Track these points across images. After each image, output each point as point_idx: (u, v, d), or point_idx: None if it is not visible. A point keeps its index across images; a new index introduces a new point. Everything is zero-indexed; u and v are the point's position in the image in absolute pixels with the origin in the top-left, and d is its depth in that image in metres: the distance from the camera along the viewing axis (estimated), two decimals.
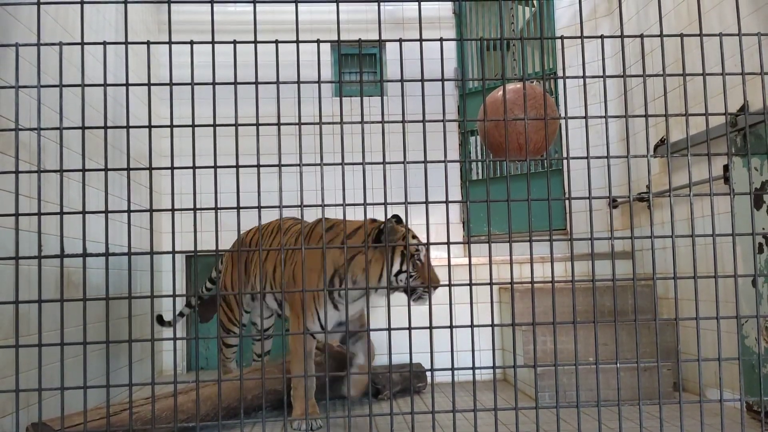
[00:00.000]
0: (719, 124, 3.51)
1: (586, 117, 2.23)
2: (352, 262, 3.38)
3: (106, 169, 2.10)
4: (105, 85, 2.13)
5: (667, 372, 4.09)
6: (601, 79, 2.32)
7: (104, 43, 2.16)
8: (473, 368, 2.22)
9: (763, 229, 3.21)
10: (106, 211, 2.10)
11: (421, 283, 3.22)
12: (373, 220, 3.46)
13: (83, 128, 2.10)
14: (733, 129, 3.37)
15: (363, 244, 3.22)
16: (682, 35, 2.29)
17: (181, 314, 4.73)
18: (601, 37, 2.28)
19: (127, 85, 2.15)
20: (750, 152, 2.27)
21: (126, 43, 2.16)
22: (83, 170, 2.08)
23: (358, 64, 5.66)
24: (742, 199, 3.32)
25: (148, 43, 2.16)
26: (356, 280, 3.39)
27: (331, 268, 3.45)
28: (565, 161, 5.20)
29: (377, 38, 2.33)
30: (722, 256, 3.65)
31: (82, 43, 2.13)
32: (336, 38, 2.25)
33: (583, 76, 2.27)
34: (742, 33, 2.28)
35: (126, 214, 2.13)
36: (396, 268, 3.25)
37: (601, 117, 2.28)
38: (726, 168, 3.61)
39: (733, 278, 2.25)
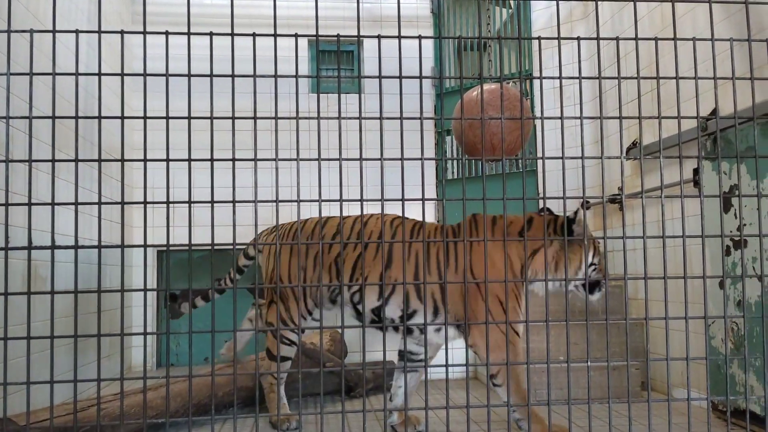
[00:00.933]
0: (691, 128, 3.56)
1: (561, 118, 2.25)
2: (533, 258, 3.11)
3: (76, 160, 2.06)
4: (77, 74, 2.09)
5: (635, 371, 4.16)
6: (577, 81, 2.34)
7: (77, 32, 2.11)
8: (446, 366, 2.22)
9: (731, 231, 3.27)
10: (76, 203, 2.06)
11: (602, 276, 3.08)
12: (539, 213, 3.22)
13: (53, 118, 2.06)
14: (703, 133, 3.43)
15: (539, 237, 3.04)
16: (656, 39, 2.32)
17: (194, 306, 4.25)
18: (578, 39, 2.30)
19: (99, 74, 2.11)
20: (720, 156, 2.31)
21: (99, 32, 2.12)
22: (53, 161, 2.04)
23: (336, 60, 5.64)
24: (711, 202, 3.38)
25: (122, 32, 2.13)
26: (536, 277, 3.10)
27: (518, 263, 3.10)
28: (540, 162, 5.24)
29: (356, 34, 2.32)
30: (691, 258, 3.72)
31: (54, 31, 2.08)
32: (313, 33, 2.23)
33: (560, 77, 2.29)
34: (715, 38, 2.32)
35: (96, 206, 2.09)
36: (590, 260, 3.08)
37: (576, 118, 2.30)
38: (696, 171, 3.67)
39: (702, 279, 2.29)
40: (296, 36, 2.22)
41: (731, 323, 3.32)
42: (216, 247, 2.13)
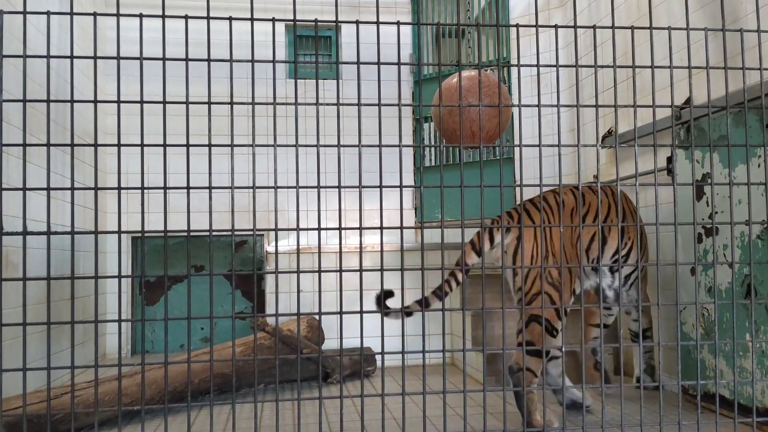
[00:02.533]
0: (665, 117, 3.61)
1: (538, 105, 2.26)
2: None
3: (48, 144, 2.02)
4: (48, 56, 2.05)
5: (608, 356, 4.22)
6: (554, 69, 2.35)
7: (48, 13, 2.07)
8: (423, 351, 2.24)
9: (703, 219, 3.32)
10: (48, 188, 2.02)
11: None
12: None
13: (24, 101, 2.02)
14: (678, 122, 3.47)
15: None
16: (632, 28, 2.34)
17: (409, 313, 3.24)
18: (555, 26, 2.31)
19: (72, 57, 2.07)
20: (693, 145, 2.34)
21: (71, 14, 2.08)
22: (24, 145, 2.00)
23: (314, 46, 5.59)
24: (684, 189, 3.43)
25: (95, 14, 2.08)
26: None
27: None
28: (516, 149, 5.27)
29: (334, 19, 2.31)
30: (664, 245, 3.78)
31: (24, 12, 2.04)
32: (291, 18, 2.21)
33: (537, 65, 2.30)
34: (690, 28, 2.34)
35: (69, 192, 2.06)
36: None
37: (552, 106, 2.32)
38: (670, 160, 3.72)
39: (674, 266, 2.33)
40: (273, 20, 2.19)
41: (702, 309, 3.38)
42: (192, 234, 2.11)
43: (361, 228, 2.19)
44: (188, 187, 2.09)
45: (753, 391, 2.35)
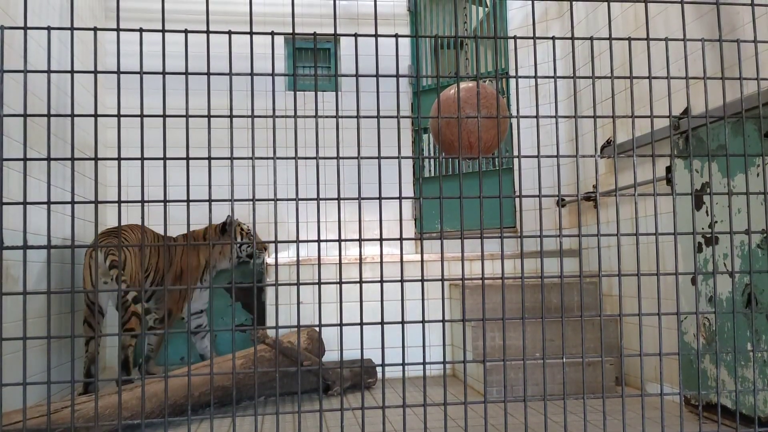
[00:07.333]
0: (663, 127, 3.62)
1: (537, 116, 2.27)
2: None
3: (48, 159, 2.02)
4: (48, 71, 2.06)
5: (609, 367, 4.21)
6: (552, 80, 2.36)
7: (48, 28, 2.08)
8: (423, 363, 2.23)
9: (703, 228, 3.33)
10: (48, 202, 2.03)
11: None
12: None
13: (25, 116, 2.02)
14: (676, 132, 3.48)
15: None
16: (629, 39, 2.35)
17: None
18: (553, 38, 2.32)
19: (72, 72, 2.08)
20: (692, 155, 2.35)
21: (72, 29, 2.09)
22: (24, 159, 2.01)
23: (313, 58, 5.62)
24: (683, 199, 3.44)
25: (95, 29, 2.10)
26: None
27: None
28: (515, 160, 5.28)
29: (332, 32, 2.32)
30: (664, 255, 3.78)
31: (25, 28, 2.05)
32: (290, 31, 2.22)
33: (535, 76, 2.31)
34: (687, 38, 2.35)
35: (69, 205, 2.06)
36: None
37: (551, 117, 2.33)
38: (669, 169, 3.73)
39: (674, 276, 2.32)
40: (272, 34, 2.20)
41: (703, 319, 3.37)
42: (192, 246, 2.11)
43: (360, 239, 2.19)
44: (188, 200, 2.09)
45: (755, 400, 2.35)
